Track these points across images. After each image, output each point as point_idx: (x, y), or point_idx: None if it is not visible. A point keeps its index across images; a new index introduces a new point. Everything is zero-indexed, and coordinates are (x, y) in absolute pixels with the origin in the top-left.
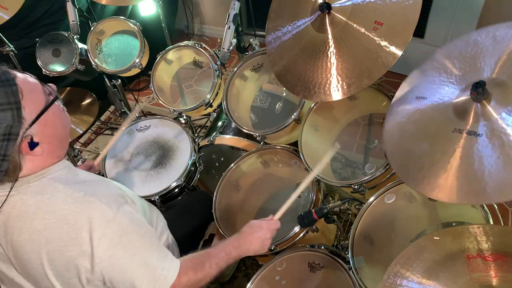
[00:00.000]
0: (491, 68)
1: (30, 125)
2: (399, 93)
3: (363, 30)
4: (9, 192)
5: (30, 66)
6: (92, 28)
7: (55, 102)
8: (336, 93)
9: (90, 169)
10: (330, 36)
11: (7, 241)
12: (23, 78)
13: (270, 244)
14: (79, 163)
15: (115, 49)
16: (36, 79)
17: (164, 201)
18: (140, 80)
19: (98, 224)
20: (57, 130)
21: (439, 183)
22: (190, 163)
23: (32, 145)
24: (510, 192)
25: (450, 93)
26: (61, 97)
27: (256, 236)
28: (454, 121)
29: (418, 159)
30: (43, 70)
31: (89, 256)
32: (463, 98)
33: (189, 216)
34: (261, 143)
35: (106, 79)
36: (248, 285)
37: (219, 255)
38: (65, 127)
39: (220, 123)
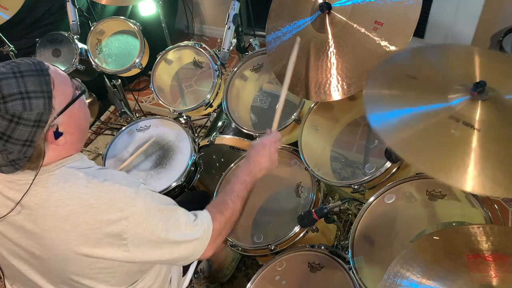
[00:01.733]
0: None
1: (58, 115)
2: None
3: (363, 30)
4: (33, 180)
5: None
6: (92, 28)
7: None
8: (336, 93)
9: None
10: (330, 36)
11: (29, 230)
12: (55, 70)
13: (277, 157)
14: None
15: (115, 49)
16: (65, 72)
17: None
18: (140, 80)
19: (124, 203)
20: (80, 123)
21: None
22: (190, 163)
23: (57, 134)
24: None
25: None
26: None
27: (262, 155)
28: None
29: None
30: None
31: (118, 235)
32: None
33: None
34: None
35: (106, 79)
36: (248, 285)
37: (236, 188)
38: (87, 120)
39: (220, 123)
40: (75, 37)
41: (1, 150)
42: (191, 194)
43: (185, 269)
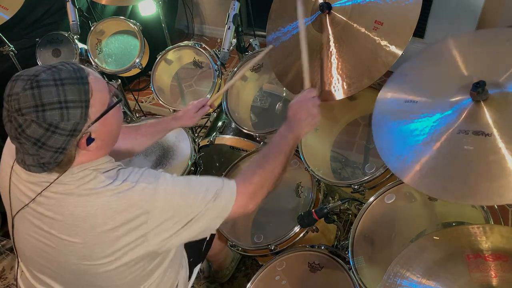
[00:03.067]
0: None
1: (93, 123)
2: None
3: (363, 30)
4: (55, 180)
5: (30, 66)
6: (92, 28)
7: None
8: (336, 93)
9: (201, 108)
10: (330, 36)
11: (48, 228)
12: (94, 78)
13: (318, 111)
14: None
15: (115, 49)
16: (102, 77)
17: None
18: (140, 80)
19: (144, 201)
20: (112, 129)
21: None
22: (190, 163)
23: (89, 140)
24: None
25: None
26: None
27: (301, 112)
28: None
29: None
30: None
31: (137, 228)
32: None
33: None
34: (261, 143)
35: (106, 79)
36: (248, 285)
37: (274, 150)
38: (119, 126)
39: (220, 123)
40: (75, 37)
41: (33, 154)
42: None
43: (190, 272)
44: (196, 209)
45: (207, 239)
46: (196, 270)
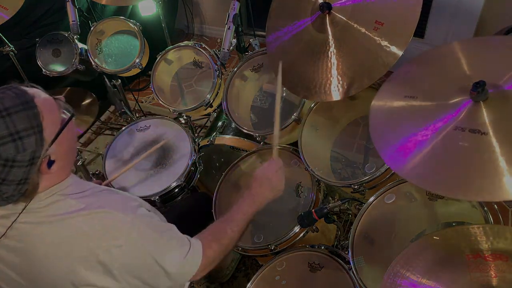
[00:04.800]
0: None
1: (49, 145)
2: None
3: (363, 30)
4: (22, 210)
5: (30, 66)
6: (92, 28)
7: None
8: (336, 93)
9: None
10: (330, 36)
11: (22, 260)
12: (41, 98)
13: (283, 184)
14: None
15: (115, 49)
16: (47, 94)
17: (164, 201)
18: (140, 80)
19: (119, 232)
20: (70, 145)
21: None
22: (190, 163)
23: (50, 163)
24: None
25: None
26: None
27: (265, 186)
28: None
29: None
30: (43, 70)
31: (110, 264)
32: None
33: (189, 219)
34: (261, 143)
35: (106, 79)
36: (248, 285)
37: (237, 217)
38: (76, 139)
39: (220, 123)
40: (75, 37)
41: None
42: (191, 197)
43: None
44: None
45: None
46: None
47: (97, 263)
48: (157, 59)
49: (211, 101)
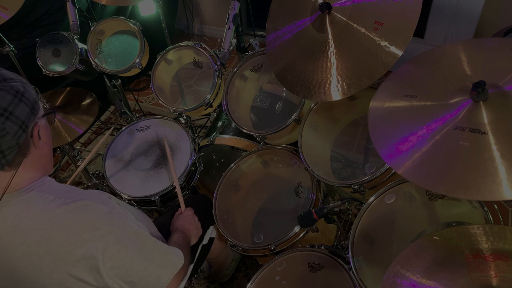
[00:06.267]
0: None
1: (40, 118)
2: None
3: (363, 30)
4: (9, 181)
5: (30, 66)
6: (92, 28)
7: (45, 117)
8: (336, 93)
9: None
10: (330, 36)
11: (1, 260)
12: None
13: (200, 226)
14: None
15: (115, 49)
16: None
17: (164, 201)
18: (140, 80)
19: (99, 222)
20: (49, 139)
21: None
22: (190, 163)
23: (38, 136)
24: None
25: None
26: (61, 97)
27: (191, 227)
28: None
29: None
30: (43, 70)
31: (93, 257)
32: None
33: None
34: (261, 143)
35: (106, 79)
36: (248, 285)
37: (185, 248)
38: (51, 143)
39: (220, 123)
40: (75, 37)
41: None
42: (190, 199)
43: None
44: None
45: (204, 242)
46: (189, 270)
47: (79, 258)
48: (157, 59)
49: (211, 101)
